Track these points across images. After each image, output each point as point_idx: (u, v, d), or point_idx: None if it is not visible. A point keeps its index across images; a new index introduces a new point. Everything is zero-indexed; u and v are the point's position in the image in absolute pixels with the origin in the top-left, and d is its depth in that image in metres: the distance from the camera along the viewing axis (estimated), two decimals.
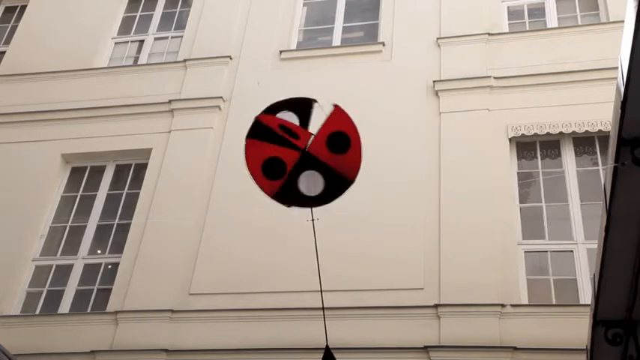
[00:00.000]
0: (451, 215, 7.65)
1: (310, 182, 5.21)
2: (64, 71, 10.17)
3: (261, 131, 5.23)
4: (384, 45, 9.35)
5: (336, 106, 5.21)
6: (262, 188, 5.27)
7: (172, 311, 7.66)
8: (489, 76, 8.57)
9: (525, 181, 8.08)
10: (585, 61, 8.31)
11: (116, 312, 7.77)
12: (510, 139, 8.16)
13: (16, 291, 8.32)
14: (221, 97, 9.28)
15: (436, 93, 8.66)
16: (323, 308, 5.78)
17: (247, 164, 5.24)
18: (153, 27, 10.77)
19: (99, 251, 8.67)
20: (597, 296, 4.54)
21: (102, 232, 8.77)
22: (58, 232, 8.90)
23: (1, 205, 8.92)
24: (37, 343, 7.60)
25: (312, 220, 5.33)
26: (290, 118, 5.27)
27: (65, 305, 8.17)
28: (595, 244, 5.13)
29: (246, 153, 5.24)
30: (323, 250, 6.22)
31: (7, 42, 11.17)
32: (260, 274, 7.68)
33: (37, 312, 8.24)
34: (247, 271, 7.73)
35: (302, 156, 5.20)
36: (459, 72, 8.75)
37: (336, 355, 7.03)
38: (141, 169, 9.09)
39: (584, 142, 8.13)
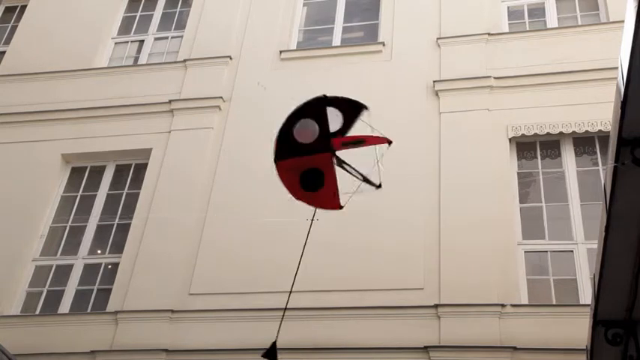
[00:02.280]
0: (451, 215, 7.65)
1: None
2: (64, 71, 10.17)
3: (287, 148, 4.66)
4: (384, 45, 9.35)
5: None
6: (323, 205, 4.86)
7: (172, 311, 7.66)
8: (489, 76, 8.57)
9: (525, 181, 8.08)
10: (585, 61, 8.31)
11: (116, 312, 7.77)
12: (510, 139, 8.16)
13: (16, 291, 8.32)
14: (221, 97, 9.28)
15: (436, 93, 8.66)
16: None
17: (287, 188, 4.89)
18: (153, 27, 10.77)
19: (99, 251, 8.67)
20: (597, 296, 4.54)
21: (102, 232, 8.76)
22: (58, 232, 8.90)
23: (1, 205, 8.92)
24: (37, 343, 7.59)
25: (312, 219, 5.29)
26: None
27: (65, 305, 8.17)
28: (595, 244, 5.12)
29: (280, 177, 4.88)
30: (323, 250, 6.23)
31: (7, 42, 11.17)
32: (260, 275, 7.67)
33: (37, 312, 8.24)
34: (247, 272, 7.73)
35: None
36: (459, 72, 8.75)
37: (336, 355, 7.06)
38: (141, 169, 9.09)
39: (584, 142, 8.13)
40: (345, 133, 4.71)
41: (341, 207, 4.82)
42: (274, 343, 5.20)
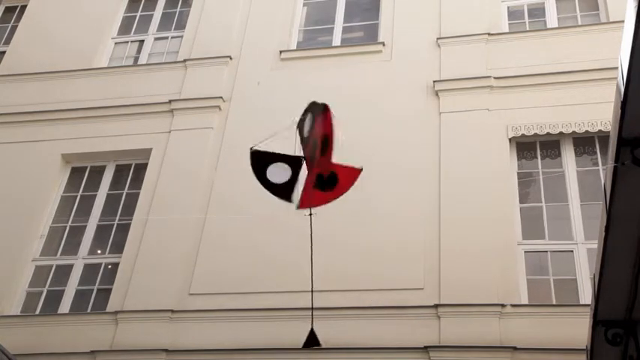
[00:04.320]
0: (451, 216, 7.64)
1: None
2: (64, 71, 10.17)
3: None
4: (384, 45, 9.34)
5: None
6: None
7: (172, 311, 7.66)
8: (489, 76, 8.57)
9: (525, 181, 8.08)
10: (585, 61, 8.30)
11: (116, 312, 7.77)
12: (510, 139, 8.16)
13: (16, 291, 8.33)
14: (221, 97, 9.28)
15: (436, 93, 8.65)
16: None
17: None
18: (153, 27, 10.77)
19: (99, 251, 8.67)
20: (597, 296, 4.54)
21: (102, 232, 8.76)
22: (58, 232, 8.90)
23: (1, 205, 8.92)
24: (37, 343, 7.60)
25: (310, 222, 5.34)
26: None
27: (65, 305, 8.17)
28: (595, 244, 5.13)
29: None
30: (323, 250, 6.22)
31: (7, 42, 11.17)
32: (260, 275, 7.68)
33: (37, 312, 8.24)
34: (247, 272, 7.73)
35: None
36: (459, 72, 8.74)
37: (336, 355, 7.06)
38: (141, 169, 9.09)
39: (584, 142, 8.13)
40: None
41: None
42: (312, 330, 5.44)
